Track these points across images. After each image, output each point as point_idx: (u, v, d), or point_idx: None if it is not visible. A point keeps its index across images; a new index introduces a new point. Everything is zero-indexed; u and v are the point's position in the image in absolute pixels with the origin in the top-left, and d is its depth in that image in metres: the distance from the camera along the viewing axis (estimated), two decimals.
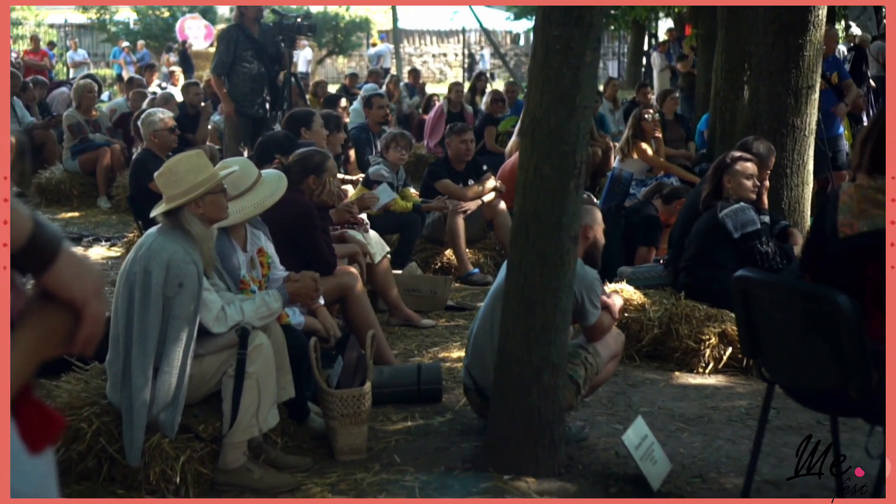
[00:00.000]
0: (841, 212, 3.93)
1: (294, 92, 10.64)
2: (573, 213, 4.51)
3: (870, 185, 3.91)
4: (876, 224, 3.83)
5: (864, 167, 4.00)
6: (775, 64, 7.36)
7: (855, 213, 3.89)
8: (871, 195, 3.89)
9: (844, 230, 3.90)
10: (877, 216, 3.84)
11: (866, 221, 3.86)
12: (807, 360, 3.89)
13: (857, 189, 3.95)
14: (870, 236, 3.84)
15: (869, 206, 3.87)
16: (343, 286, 5.85)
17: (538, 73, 4.48)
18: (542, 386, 4.58)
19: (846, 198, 3.96)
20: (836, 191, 4.05)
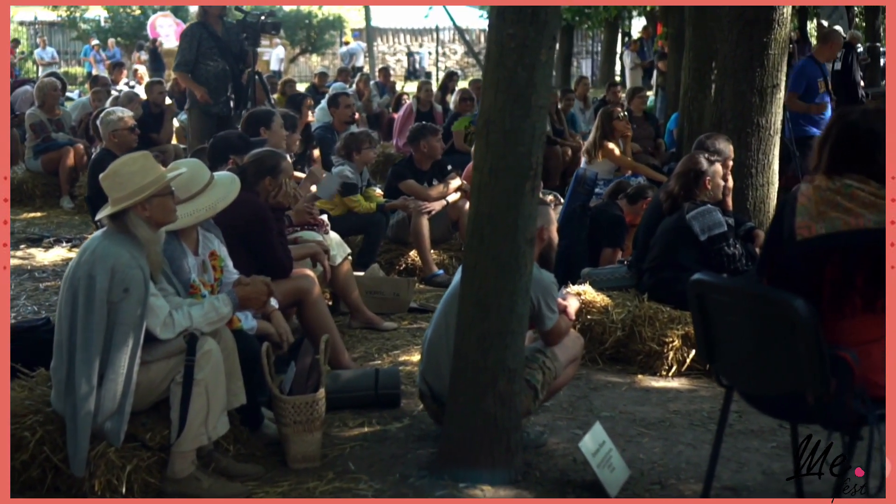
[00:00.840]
0: (799, 214, 3.86)
1: (259, 90, 10.49)
2: (529, 216, 4.42)
3: (828, 187, 3.84)
4: (834, 226, 3.76)
5: (822, 168, 3.93)
6: (740, 62, 7.30)
7: (813, 215, 3.82)
8: (829, 197, 3.81)
9: (802, 232, 3.82)
10: (835, 218, 3.77)
11: (824, 224, 3.78)
12: (763, 365, 3.81)
13: (815, 191, 3.87)
14: (827, 239, 3.77)
15: (827, 209, 3.80)
16: (299, 290, 5.74)
17: (492, 72, 4.38)
18: (497, 392, 4.49)
19: (804, 200, 3.88)
20: (795, 192, 3.98)
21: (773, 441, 5.09)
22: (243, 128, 7.44)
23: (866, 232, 3.72)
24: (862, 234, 3.72)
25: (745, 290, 3.89)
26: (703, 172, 6.42)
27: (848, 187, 3.80)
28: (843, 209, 3.77)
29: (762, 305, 3.75)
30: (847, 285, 3.74)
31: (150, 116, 12.11)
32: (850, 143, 3.86)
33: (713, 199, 6.44)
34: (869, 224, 3.72)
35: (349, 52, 31.62)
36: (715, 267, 6.26)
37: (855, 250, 3.73)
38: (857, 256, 3.73)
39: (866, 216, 3.72)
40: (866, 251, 3.72)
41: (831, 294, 3.77)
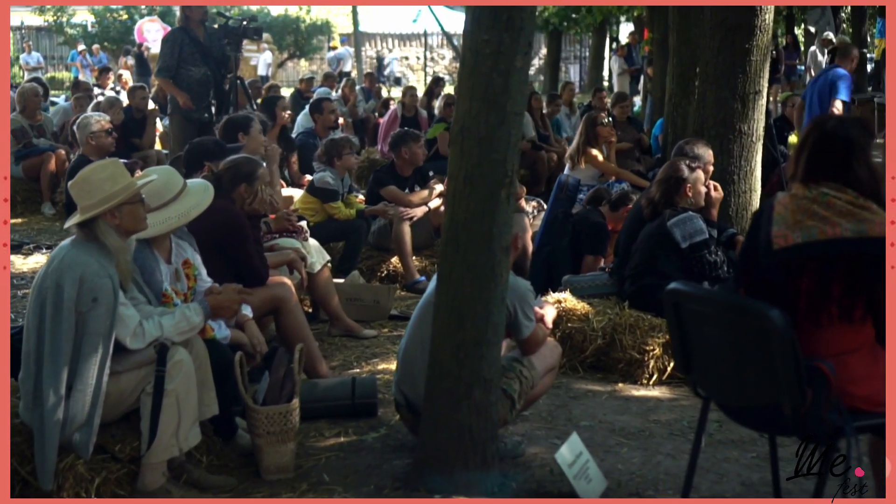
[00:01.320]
0: (775, 223, 3.81)
1: (241, 96, 10.43)
2: (504, 224, 4.36)
3: (805, 196, 3.80)
4: (811, 235, 3.72)
5: (799, 177, 3.88)
6: (722, 68, 7.25)
7: (790, 224, 3.77)
8: (806, 206, 3.77)
9: (778, 242, 3.77)
10: (812, 227, 3.72)
11: (801, 233, 3.73)
12: (739, 376, 3.77)
13: (792, 199, 3.83)
14: (804, 248, 3.72)
15: (804, 217, 3.75)
16: (276, 298, 5.67)
17: (467, 78, 4.33)
18: (473, 402, 4.43)
19: (781, 208, 3.83)
20: (771, 201, 3.93)
21: (754, 451, 5.04)
22: (221, 133, 7.38)
23: (843, 241, 3.67)
24: (839, 243, 3.68)
25: (721, 299, 3.85)
26: (683, 179, 6.37)
27: (825, 196, 3.76)
28: (819, 218, 3.72)
29: (737, 315, 3.70)
30: (824, 295, 3.70)
31: (133, 122, 12.03)
32: (827, 152, 3.82)
33: (694, 205, 6.39)
34: (846, 233, 3.68)
35: (336, 57, 31.50)
36: (696, 274, 6.21)
37: (832, 260, 3.69)
38: (834, 266, 3.69)
39: (843, 225, 3.68)
40: (843, 261, 3.68)
41: (808, 304, 3.73)
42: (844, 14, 27.84)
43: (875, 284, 3.66)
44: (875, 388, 3.72)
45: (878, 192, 3.81)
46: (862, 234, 3.67)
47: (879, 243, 3.66)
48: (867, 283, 3.68)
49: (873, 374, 3.73)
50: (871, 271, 3.67)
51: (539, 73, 40.65)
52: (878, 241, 3.66)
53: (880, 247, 3.66)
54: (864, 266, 3.68)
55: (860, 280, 3.68)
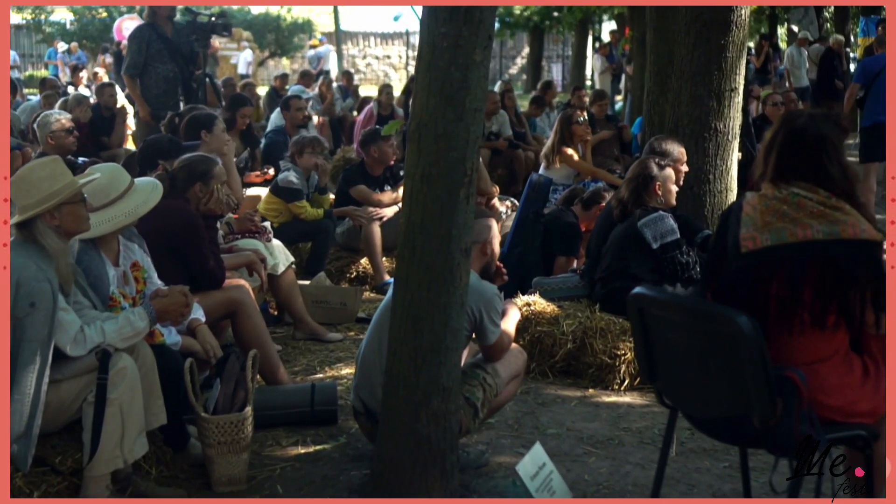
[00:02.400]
0: (743, 224, 3.62)
1: (210, 93, 10.21)
2: (464, 225, 4.17)
3: (774, 196, 3.62)
4: (780, 238, 3.53)
5: (768, 176, 3.70)
6: (697, 65, 7.07)
7: (758, 225, 3.59)
8: (775, 206, 3.59)
9: (747, 244, 3.59)
10: (781, 229, 3.54)
11: (770, 235, 3.55)
12: (706, 386, 3.58)
13: (761, 200, 3.65)
14: (773, 251, 3.54)
15: (773, 219, 3.57)
16: (232, 301, 5.47)
17: (424, 73, 4.13)
18: (431, 411, 4.24)
19: (749, 209, 3.65)
20: (739, 201, 3.75)
21: (726, 461, 4.86)
22: (184, 131, 7.16)
23: (814, 244, 3.49)
24: (810, 245, 3.50)
25: (686, 305, 3.66)
26: (653, 177, 6.18)
27: (795, 196, 3.58)
28: (789, 219, 3.54)
29: (704, 322, 3.51)
30: (794, 300, 3.51)
31: (102, 120, 11.79)
32: (797, 149, 3.64)
33: (665, 205, 6.21)
34: (817, 235, 3.50)
35: (317, 56, 31.20)
36: (669, 276, 6.04)
37: (802, 263, 3.51)
38: (805, 270, 3.50)
39: (814, 227, 3.50)
40: (814, 264, 3.50)
41: (778, 310, 3.55)
42: (828, 13, 27.76)
43: (848, 289, 3.49)
44: (849, 398, 3.55)
45: (851, 192, 3.63)
46: (834, 236, 3.49)
47: (852, 245, 3.49)
48: (840, 287, 3.50)
49: (847, 383, 3.56)
50: (843, 275, 3.49)
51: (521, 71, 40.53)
52: (851, 242, 3.49)
53: (853, 249, 3.48)
54: (836, 270, 3.49)
55: (832, 284, 3.50)
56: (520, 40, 42.63)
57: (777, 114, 11.18)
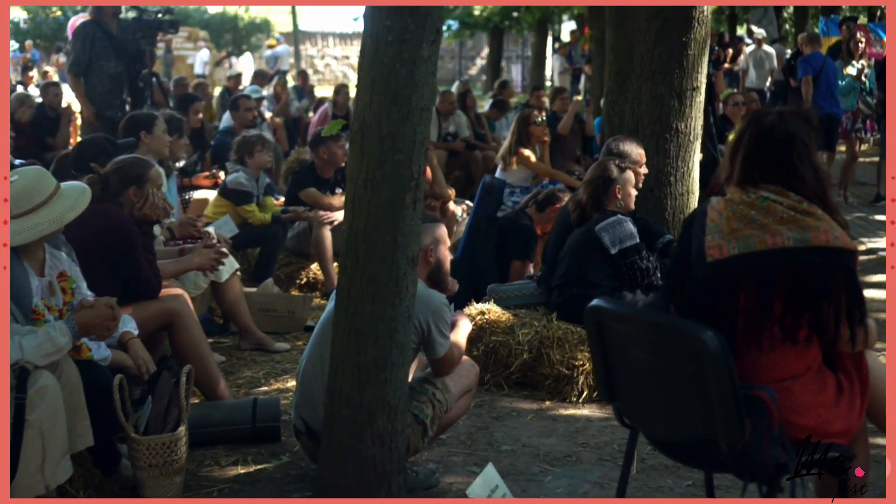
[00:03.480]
0: (709, 232, 3.38)
1: (157, 93, 9.88)
2: (410, 232, 3.90)
3: (742, 200, 3.37)
4: (748, 246, 3.29)
5: (735, 179, 3.46)
6: (657, 63, 6.83)
7: (725, 233, 3.34)
8: (743, 212, 3.34)
9: (712, 253, 3.34)
10: (750, 237, 3.29)
11: (738, 243, 3.31)
12: (669, 406, 3.33)
13: (727, 205, 3.40)
14: (741, 260, 3.30)
15: (741, 225, 3.33)
16: (169, 311, 5.16)
17: (367, 70, 3.86)
18: (376, 431, 3.97)
19: (715, 215, 3.40)
20: (704, 206, 3.50)
21: (689, 479, 4.62)
22: (122, 131, 6.84)
23: (784, 251, 3.25)
24: (779, 253, 3.26)
25: (648, 319, 3.40)
26: (612, 180, 5.94)
27: (764, 200, 3.34)
28: (758, 226, 3.30)
29: (666, 337, 3.26)
30: (764, 313, 3.27)
31: (47, 120, 11.43)
32: (766, 150, 3.40)
33: (624, 208, 5.97)
34: (787, 242, 3.25)
35: (274, 56, 30.81)
36: (628, 282, 5.80)
37: (772, 273, 3.26)
38: (775, 280, 3.26)
39: (784, 233, 3.26)
40: (785, 274, 3.26)
41: (746, 323, 3.30)
42: (787, 14, 27.74)
43: (821, 300, 3.25)
44: (822, 417, 3.31)
45: (824, 195, 3.39)
46: (805, 243, 3.25)
47: (825, 253, 3.25)
48: (812, 298, 3.26)
49: (820, 402, 3.32)
50: (815, 285, 3.25)
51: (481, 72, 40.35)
52: (824, 250, 3.25)
53: (826, 257, 3.25)
54: (808, 279, 3.26)
55: (804, 295, 3.26)
56: (479, 41, 42.48)
57: (738, 114, 11.01)
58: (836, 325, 3.25)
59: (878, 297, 8.18)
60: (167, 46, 29.04)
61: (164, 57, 29.16)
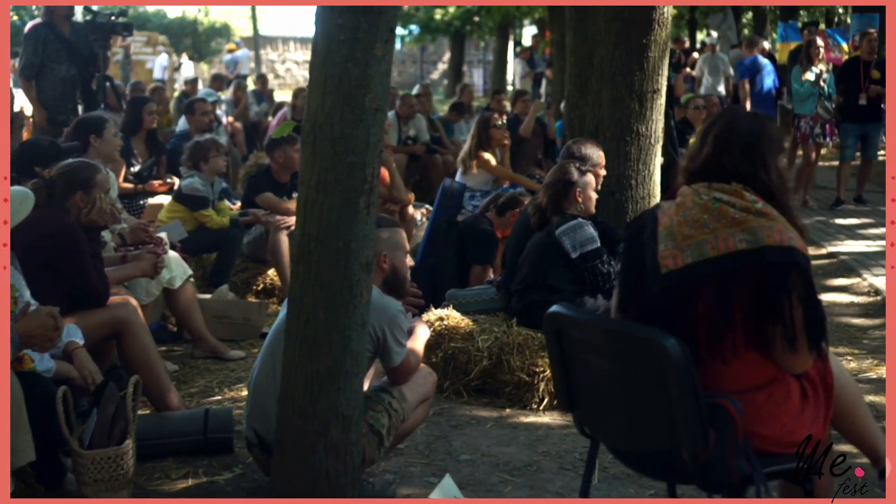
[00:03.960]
0: (661, 240, 3.25)
1: (111, 96, 9.70)
2: (364, 237, 3.78)
3: (695, 203, 3.26)
4: (702, 253, 3.17)
5: (692, 170, 3.36)
6: (618, 65, 6.74)
7: (678, 240, 3.22)
8: (695, 216, 3.22)
9: (666, 263, 3.22)
10: (703, 243, 3.17)
11: (691, 251, 3.18)
12: (631, 416, 3.23)
13: (678, 210, 3.28)
14: (696, 269, 3.18)
15: (693, 231, 3.20)
16: (117, 320, 5.01)
17: (319, 70, 3.74)
18: (329, 442, 3.85)
19: (666, 221, 3.28)
20: (654, 211, 3.38)
21: (652, 488, 4.52)
22: (71, 135, 6.68)
23: (737, 255, 3.13)
24: (733, 257, 3.13)
25: (608, 327, 3.28)
26: (572, 183, 5.84)
27: (716, 202, 3.22)
28: (709, 230, 3.17)
29: (627, 345, 3.16)
30: (724, 322, 3.15)
31: None
32: (732, 142, 3.29)
33: (585, 212, 5.87)
34: (741, 245, 3.12)
35: (233, 60, 30.59)
36: (589, 287, 5.71)
37: (728, 279, 3.15)
38: (732, 286, 3.14)
39: (736, 236, 3.12)
40: (743, 279, 3.14)
41: (707, 334, 3.18)
42: (746, 19, 27.88)
43: (781, 299, 3.13)
44: (787, 426, 3.21)
45: (782, 199, 3.28)
46: (758, 244, 3.12)
47: (779, 251, 3.12)
48: (772, 300, 3.14)
49: (784, 410, 3.22)
50: (773, 285, 3.12)
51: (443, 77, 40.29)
52: (777, 249, 3.12)
53: (782, 255, 3.12)
54: (764, 280, 3.14)
55: (763, 298, 3.15)
56: (441, 45, 42.43)
57: (699, 117, 11.00)
58: (795, 326, 3.13)
59: (840, 301, 8.16)
60: (126, 51, 28.70)
61: (122, 62, 28.83)
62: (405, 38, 35.69)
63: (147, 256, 5.55)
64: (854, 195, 12.54)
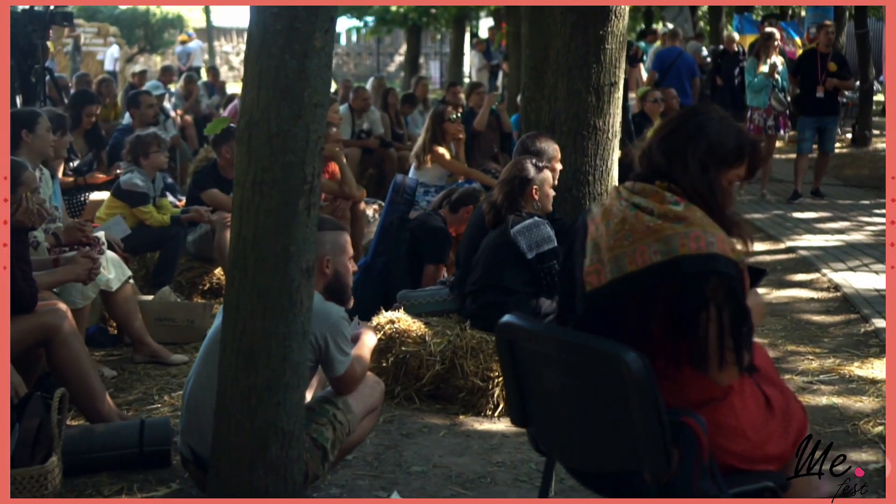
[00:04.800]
0: (588, 252, 3.02)
1: (51, 89, 9.37)
2: (304, 240, 3.55)
3: (618, 210, 3.00)
4: (621, 268, 2.93)
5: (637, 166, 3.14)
6: (574, 58, 6.51)
7: (602, 252, 2.98)
8: (616, 226, 2.97)
9: (590, 280, 2.98)
10: (621, 256, 2.94)
11: (611, 266, 2.95)
12: (589, 434, 3.01)
13: (603, 218, 3.03)
14: (616, 285, 2.94)
15: (614, 242, 2.95)
16: (46, 327, 4.73)
17: (254, 62, 3.50)
18: (268, 459, 3.61)
19: (594, 229, 3.04)
20: (584, 219, 3.15)
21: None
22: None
23: (652, 269, 2.89)
24: (648, 272, 2.90)
25: (564, 338, 3.05)
26: (529, 180, 5.61)
27: (633, 208, 2.98)
28: (629, 241, 2.93)
29: (584, 358, 2.93)
30: (647, 343, 2.91)
31: None
32: (676, 134, 3.06)
33: (541, 210, 5.65)
34: (655, 258, 2.88)
35: (185, 52, 30.13)
36: (546, 288, 5.50)
37: (647, 296, 2.91)
38: (651, 304, 2.91)
39: (651, 248, 2.89)
40: (660, 295, 2.90)
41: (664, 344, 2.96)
42: (701, 12, 27.83)
43: (698, 315, 2.87)
44: (752, 441, 3.01)
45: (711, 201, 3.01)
46: (673, 255, 2.87)
47: (694, 261, 2.86)
48: (688, 316, 2.88)
49: (747, 422, 3.01)
50: (689, 300, 2.87)
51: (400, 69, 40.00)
52: (695, 258, 2.86)
53: (698, 264, 2.86)
54: (681, 296, 2.89)
55: (679, 316, 2.90)
56: (397, 37, 42.09)
57: (657, 111, 10.82)
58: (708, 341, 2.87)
59: (800, 297, 8.01)
60: (75, 42, 28.22)
61: (72, 53, 28.36)
62: (361, 30, 35.35)
63: (81, 260, 5.25)
64: (811, 188, 12.45)
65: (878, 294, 7.62)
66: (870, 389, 5.69)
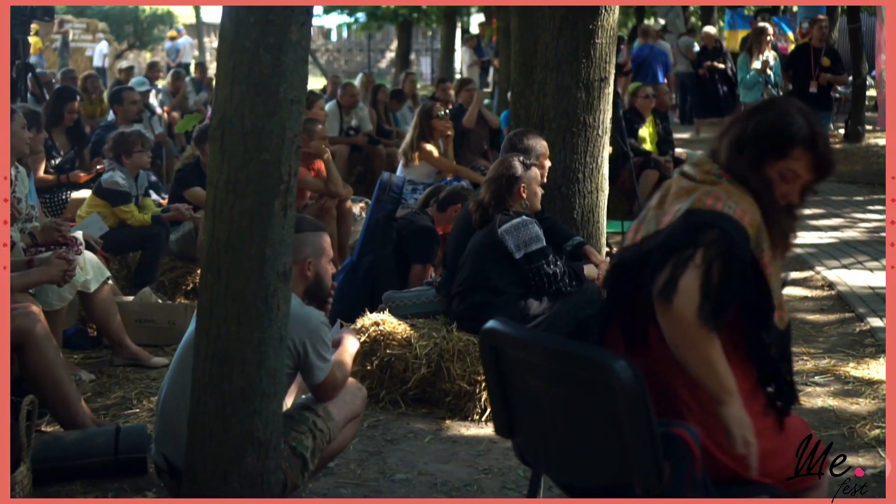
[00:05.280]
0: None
1: (32, 85, 9.21)
2: (281, 242, 3.40)
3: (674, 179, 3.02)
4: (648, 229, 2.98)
5: None
6: (564, 53, 6.38)
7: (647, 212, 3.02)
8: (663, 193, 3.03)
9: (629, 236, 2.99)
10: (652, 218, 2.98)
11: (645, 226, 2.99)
12: (576, 445, 2.87)
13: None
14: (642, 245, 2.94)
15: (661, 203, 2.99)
16: (17, 331, 4.57)
17: (227, 56, 3.36)
18: (244, 470, 3.47)
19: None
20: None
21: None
22: None
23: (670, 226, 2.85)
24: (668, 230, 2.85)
25: (550, 345, 2.91)
26: (517, 178, 5.47)
27: (679, 174, 3.01)
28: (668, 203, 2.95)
29: (571, 366, 2.80)
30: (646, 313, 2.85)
31: None
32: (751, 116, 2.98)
33: (529, 209, 5.52)
34: (678, 215, 2.84)
35: (175, 48, 29.91)
36: (534, 289, 5.36)
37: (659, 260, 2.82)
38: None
39: (678, 206, 2.85)
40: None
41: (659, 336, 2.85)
42: (692, 7, 27.75)
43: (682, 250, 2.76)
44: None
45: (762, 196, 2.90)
46: (688, 207, 2.82)
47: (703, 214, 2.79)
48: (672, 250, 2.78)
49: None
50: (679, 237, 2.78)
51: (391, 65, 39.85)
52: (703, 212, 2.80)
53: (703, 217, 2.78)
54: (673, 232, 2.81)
55: None
56: (389, 33, 41.94)
57: (648, 106, 10.68)
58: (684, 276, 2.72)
59: (795, 295, 7.89)
60: (64, 38, 28.05)
61: (61, 49, 28.18)
62: (352, 26, 35.19)
63: (56, 262, 5.10)
64: None
65: (872, 292, 7.49)
66: (866, 391, 5.57)
